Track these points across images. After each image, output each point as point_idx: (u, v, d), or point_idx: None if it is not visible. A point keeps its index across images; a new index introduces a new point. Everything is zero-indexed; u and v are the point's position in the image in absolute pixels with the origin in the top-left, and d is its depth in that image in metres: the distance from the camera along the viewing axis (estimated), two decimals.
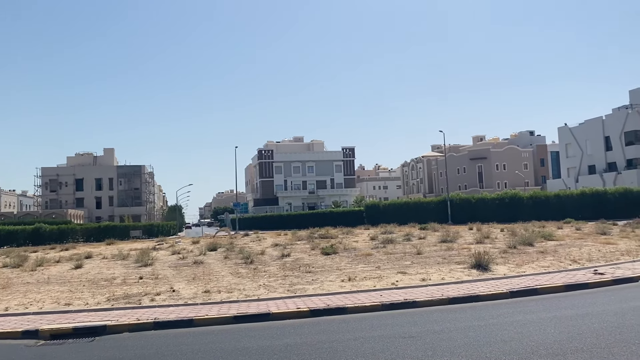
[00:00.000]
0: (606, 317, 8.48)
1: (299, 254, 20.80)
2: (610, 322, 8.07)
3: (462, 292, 11.08)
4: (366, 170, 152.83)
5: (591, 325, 7.95)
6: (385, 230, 31.39)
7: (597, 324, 8.02)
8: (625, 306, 9.39)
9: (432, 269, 14.45)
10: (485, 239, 22.85)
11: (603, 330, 7.57)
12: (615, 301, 9.93)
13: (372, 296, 11.07)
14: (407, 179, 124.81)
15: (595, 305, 9.54)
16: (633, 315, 8.52)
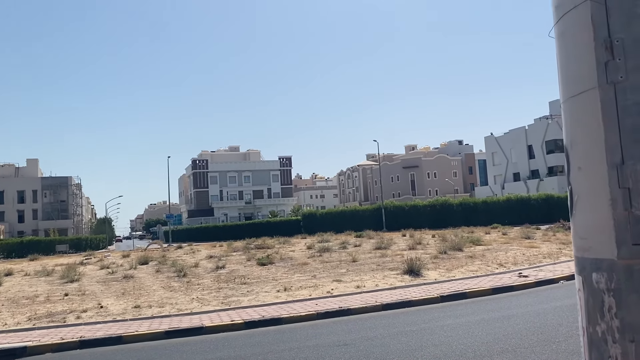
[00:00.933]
0: (529, 317, 8.89)
1: (235, 265, 20.51)
2: (533, 323, 8.45)
3: (395, 298, 11.29)
4: (303, 180, 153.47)
5: (516, 326, 8.29)
6: (322, 239, 31.57)
7: (522, 324, 8.38)
8: (547, 307, 9.88)
9: (367, 276, 14.65)
10: (418, 245, 23.46)
11: (527, 331, 7.92)
12: (538, 302, 10.44)
13: (308, 305, 11.07)
14: (344, 187, 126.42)
15: (520, 307, 9.98)
16: (554, 315, 8.97)
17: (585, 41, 1.26)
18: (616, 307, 1.19)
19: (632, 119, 1.19)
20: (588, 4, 1.23)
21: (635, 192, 1.16)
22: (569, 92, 1.32)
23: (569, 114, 1.32)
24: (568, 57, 1.33)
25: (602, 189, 1.22)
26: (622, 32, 1.21)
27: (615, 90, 1.21)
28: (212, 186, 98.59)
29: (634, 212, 1.16)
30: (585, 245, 1.29)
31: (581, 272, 1.31)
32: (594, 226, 1.26)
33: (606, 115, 1.21)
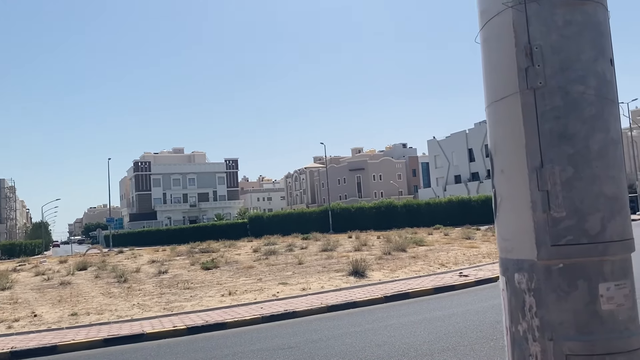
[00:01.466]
0: (469, 316, 9.15)
1: (178, 270, 20.06)
2: (473, 321, 8.70)
3: (340, 300, 11.35)
4: (250, 182, 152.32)
5: (456, 324, 8.51)
6: (269, 242, 31.39)
7: (462, 323, 8.61)
8: (486, 305, 10.19)
9: (313, 278, 14.66)
10: (363, 247, 23.72)
11: (466, 329, 8.14)
12: (477, 301, 10.76)
13: (253, 309, 10.96)
14: (291, 190, 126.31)
15: (460, 306, 10.25)
16: (492, 313, 9.27)
17: (507, 47, 1.30)
18: (536, 307, 1.23)
19: (550, 124, 1.24)
20: (510, 12, 1.27)
21: (553, 195, 1.21)
22: (492, 97, 1.36)
23: (493, 119, 1.36)
24: (491, 62, 1.37)
25: (523, 192, 1.26)
26: (541, 39, 1.26)
27: (535, 95, 1.25)
28: (155, 189, 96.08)
29: (552, 214, 1.21)
30: (507, 247, 1.33)
31: (504, 272, 1.35)
32: (515, 228, 1.30)
33: (526, 120, 1.25)
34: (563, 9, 1.27)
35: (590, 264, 1.26)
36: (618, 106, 1.36)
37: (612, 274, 1.28)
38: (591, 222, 1.29)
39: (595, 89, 1.32)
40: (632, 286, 1.31)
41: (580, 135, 1.30)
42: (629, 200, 21.76)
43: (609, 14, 1.35)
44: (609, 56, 1.35)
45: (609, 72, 1.36)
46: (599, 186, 1.29)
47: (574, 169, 1.28)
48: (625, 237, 1.31)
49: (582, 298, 1.25)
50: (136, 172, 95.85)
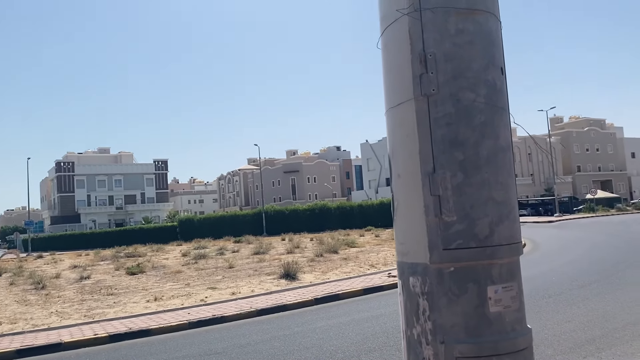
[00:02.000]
0: (396, 316, 9.33)
1: (101, 275, 19.24)
2: (400, 321, 8.90)
3: (270, 303, 11.28)
4: (181, 184, 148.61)
5: (384, 325, 8.67)
6: (199, 246, 30.78)
7: (389, 323, 8.78)
8: None
9: (243, 282, 14.50)
10: (296, 249, 23.76)
11: (393, 329, 8.30)
12: None
13: (180, 315, 10.67)
14: (224, 192, 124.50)
15: (388, 306, 10.45)
16: None
17: (404, 54, 1.32)
18: (429, 310, 1.25)
19: (442, 130, 1.27)
20: (406, 19, 1.29)
21: (445, 200, 1.23)
22: (390, 102, 1.38)
23: (390, 124, 1.38)
24: (390, 68, 1.39)
25: (418, 197, 1.28)
26: (435, 47, 1.29)
27: (429, 102, 1.28)
28: (78, 190, 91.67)
29: (444, 218, 1.23)
30: (403, 250, 1.35)
31: (401, 276, 1.37)
32: (410, 232, 1.32)
33: (420, 126, 1.28)
34: (456, 17, 1.30)
35: (479, 267, 1.30)
36: (508, 114, 1.41)
37: (500, 277, 1.33)
38: (480, 226, 1.33)
39: (485, 97, 1.36)
40: (519, 288, 1.37)
41: (471, 141, 1.34)
42: (547, 203, 23.11)
43: (500, 25, 1.41)
44: (499, 65, 1.40)
45: (499, 81, 1.41)
46: (488, 191, 1.33)
47: (464, 175, 1.31)
48: (513, 241, 1.36)
49: (472, 301, 1.29)
50: (58, 173, 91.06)
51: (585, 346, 6.62)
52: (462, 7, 1.28)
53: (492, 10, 1.41)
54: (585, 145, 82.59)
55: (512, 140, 1.41)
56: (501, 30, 1.42)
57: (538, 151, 76.98)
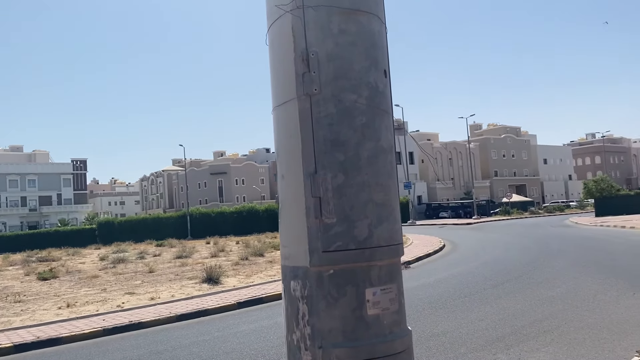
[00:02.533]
0: None
1: (9, 281, 18.02)
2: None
3: (190, 308, 11.00)
4: (101, 185, 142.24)
5: None
6: (119, 249, 29.57)
7: None
8: None
9: (163, 287, 14.06)
10: (221, 253, 23.36)
11: None
12: None
13: (94, 322, 10.17)
14: (147, 194, 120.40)
15: None
16: None
17: (287, 52, 1.30)
18: (308, 314, 1.23)
19: (324, 131, 1.26)
20: (290, 16, 1.26)
21: (325, 201, 1.22)
22: (276, 101, 1.35)
23: (276, 124, 1.35)
24: (275, 66, 1.37)
25: (300, 198, 1.26)
26: (318, 46, 1.27)
27: (311, 102, 1.26)
28: None
29: (324, 220, 1.22)
30: (286, 253, 1.33)
31: (283, 280, 1.35)
32: (293, 235, 1.30)
33: (303, 126, 1.26)
34: (338, 17, 1.29)
35: (358, 270, 1.29)
36: (390, 117, 1.42)
37: (379, 279, 1.33)
38: (359, 228, 1.32)
39: (367, 99, 1.36)
40: (398, 290, 1.37)
41: (352, 143, 1.32)
42: (467, 206, 24.09)
43: (385, 27, 1.41)
44: (382, 67, 1.41)
45: (381, 83, 1.41)
46: (368, 193, 1.33)
47: (344, 176, 1.30)
48: (393, 242, 1.37)
49: (350, 304, 1.27)
50: None
51: (496, 343, 6.93)
52: (344, 7, 1.27)
53: (375, 12, 1.40)
54: (502, 151, 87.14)
55: (395, 143, 1.42)
56: (386, 32, 1.42)
57: (459, 156, 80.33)
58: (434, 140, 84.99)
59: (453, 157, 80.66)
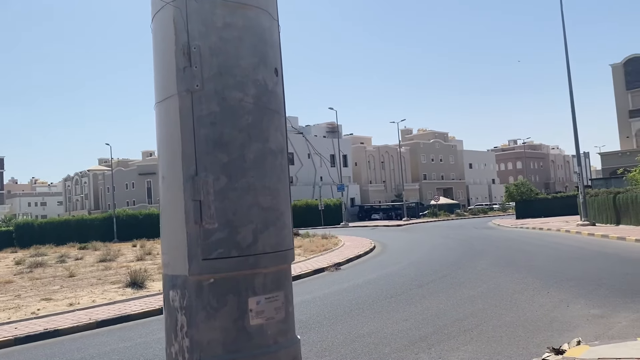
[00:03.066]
0: None
1: None
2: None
3: (112, 314, 10.53)
4: (20, 185, 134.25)
5: None
6: (37, 252, 27.96)
7: None
8: None
9: (84, 292, 13.40)
10: (147, 256, 22.61)
11: None
12: None
13: (5, 330, 9.51)
14: (70, 194, 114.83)
15: None
16: None
17: (169, 45, 1.22)
18: (187, 326, 1.16)
19: (206, 130, 1.19)
20: (172, 7, 1.19)
21: (206, 205, 1.16)
22: (158, 96, 1.27)
23: (157, 121, 1.27)
24: (158, 59, 1.28)
25: (179, 202, 1.19)
26: (200, 40, 1.20)
27: (192, 99, 1.19)
28: None
29: (204, 226, 1.16)
30: (165, 261, 1.25)
31: (163, 289, 1.27)
32: (172, 241, 1.22)
33: (183, 125, 1.18)
34: (223, 10, 1.22)
35: (241, 278, 1.23)
36: (282, 117, 1.37)
37: (264, 287, 1.27)
38: (243, 233, 1.25)
39: (254, 97, 1.30)
40: (286, 298, 1.32)
41: (236, 143, 1.26)
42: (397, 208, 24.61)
43: (277, 24, 1.36)
44: (273, 65, 1.35)
45: (271, 82, 1.36)
46: (253, 197, 1.27)
47: (227, 179, 1.23)
48: (280, 249, 1.31)
49: (231, 314, 1.21)
50: None
51: (419, 343, 7.08)
52: (230, 0, 1.21)
53: (265, 7, 1.34)
54: (431, 155, 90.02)
55: (287, 145, 1.37)
56: (278, 30, 1.37)
57: (390, 159, 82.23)
58: (367, 144, 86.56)
59: (385, 160, 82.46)
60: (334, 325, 8.47)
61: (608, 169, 49.16)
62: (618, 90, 53.31)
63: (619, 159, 48.43)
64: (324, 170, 73.11)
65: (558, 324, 7.59)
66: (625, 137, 52.66)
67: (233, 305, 1.19)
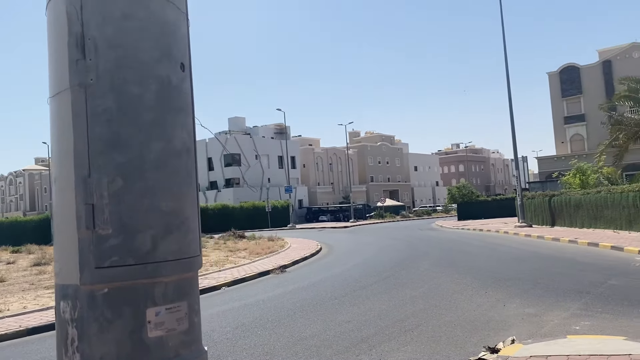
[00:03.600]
0: None
1: None
2: None
3: (45, 320, 10.02)
4: None
5: None
6: None
7: None
8: (205, 313, 10.18)
9: (14, 298, 12.71)
10: None
11: None
12: None
13: None
14: (4, 195, 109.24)
15: None
16: (210, 321, 9.31)
17: (63, 35, 1.14)
18: (78, 340, 1.08)
19: (101, 128, 1.11)
20: None
21: (99, 209, 1.08)
22: (51, 90, 1.18)
23: (51, 116, 1.18)
24: (52, 50, 1.19)
25: (71, 205, 1.11)
26: (96, 30, 1.13)
27: (86, 93, 1.11)
28: None
29: (98, 231, 1.08)
30: (57, 269, 1.17)
31: (55, 300, 1.19)
32: (63, 247, 1.14)
33: (76, 122, 1.10)
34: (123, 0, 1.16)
35: (138, 287, 1.15)
36: (189, 115, 1.31)
37: (165, 297, 1.20)
38: (141, 240, 1.18)
39: (156, 93, 1.23)
40: (190, 307, 1.26)
41: (135, 142, 1.18)
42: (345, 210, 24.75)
43: (185, 17, 1.30)
44: (179, 60, 1.29)
45: (176, 77, 1.29)
46: (153, 200, 1.19)
47: (124, 181, 1.15)
48: (183, 256, 1.24)
49: (127, 326, 1.13)
50: None
51: (360, 344, 7.12)
52: None
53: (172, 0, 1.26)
54: (378, 158, 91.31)
55: (195, 145, 1.31)
56: (187, 24, 1.30)
57: (338, 162, 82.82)
58: (316, 146, 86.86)
59: (333, 162, 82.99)
60: (276, 328, 8.40)
61: (544, 173, 51.39)
62: (554, 98, 55.81)
63: (554, 163, 50.72)
64: (271, 172, 72.77)
65: (494, 323, 7.82)
66: (561, 142, 55.19)
67: (129, 316, 1.11)
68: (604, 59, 53.52)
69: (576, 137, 54.24)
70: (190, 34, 1.28)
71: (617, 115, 24.07)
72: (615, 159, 22.71)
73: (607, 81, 51.72)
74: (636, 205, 20.79)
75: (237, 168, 69.71)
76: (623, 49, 52.44)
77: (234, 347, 7.42)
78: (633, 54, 51.16)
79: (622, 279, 10.88)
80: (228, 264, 17.92)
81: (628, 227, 21.35)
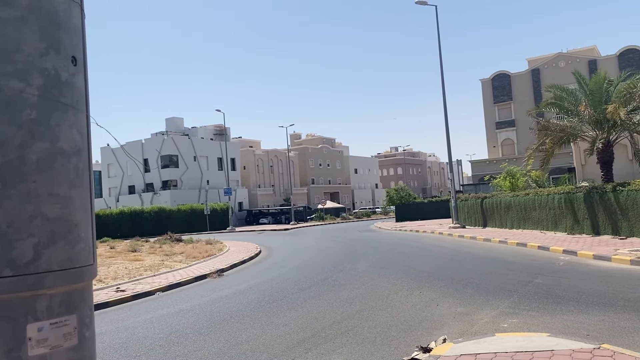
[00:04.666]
0: (117, 333, 8.68)
1: None
2: (120, 338, 8.29)
3: None
4: None
5: (101, 344, 7.93)
6: None
7: (107, 342, 8.09)
8: (138, 320, 9.89)
9: None
10: None
11: (110, 348, 7.68)
12: (131, 316, 10.36)
13: None
14: None
15: (111, 323, 9.68)
16: (142, 328, 9.02)
17: None
18: None
19: None
20: None
21: None
22: None
23: None
24: None
25: None
26: None
27: None
28: None
29: None
30: None
31: None
32: None
33: None
34: None
35: (17, 301, 1.06)
36: (79, 113, 1.22)
37: (50, 311, 1.12)
38: (20, 249, 1.09)
39: (40, 89, 1.14)
40: (80, 321, 1.17)
41: (14, 142, 1.10)
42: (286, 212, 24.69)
43: (79, 7, 1.22)
44: (70, 53, 1.21)
45: (66, 72, 1.20)
46: (35, 205, 1.10)
47: (1, 184, 1.06)
48: (71, 266, 1.16)
49: (3, 345, 1.03)
50: None
51: (296, 348, 7.08)
52: None
53: None
54: (319, 160, 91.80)
55: (89, 145, 1.23)
56: (81, 16, 1.22)
57: (279, 164, 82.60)
58: (256, 148, 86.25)
59: (274, 164, 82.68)
60: (211, 333, 8.23)
61: (477, 176, 53.39)
62: (487, 103, 58.17)
63: (486, 166, 52.78)
64: (211, 174, 71.63)
65: (428, 323, 8.00)
66: (493, 146, 57.54)
67: (6, 333, 1.01)
68: (533, 67, 56.35)
69: (507, 142, 56.73)
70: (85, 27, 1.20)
71: (544, 121, 25.33)
72: (542, 163, 23.89)
73: (535, 88, 54.49)
74: (561, 207, 21.95)
75: (175, 170, 68.07)
76: (550, 59, 55.41)
77: (167, 354, 7.20)
78: (559, 63, 54.11)
79: (548, 278, 11.42)
80: (163, 269, 17.45)
81: (554, 228, 22.50)
